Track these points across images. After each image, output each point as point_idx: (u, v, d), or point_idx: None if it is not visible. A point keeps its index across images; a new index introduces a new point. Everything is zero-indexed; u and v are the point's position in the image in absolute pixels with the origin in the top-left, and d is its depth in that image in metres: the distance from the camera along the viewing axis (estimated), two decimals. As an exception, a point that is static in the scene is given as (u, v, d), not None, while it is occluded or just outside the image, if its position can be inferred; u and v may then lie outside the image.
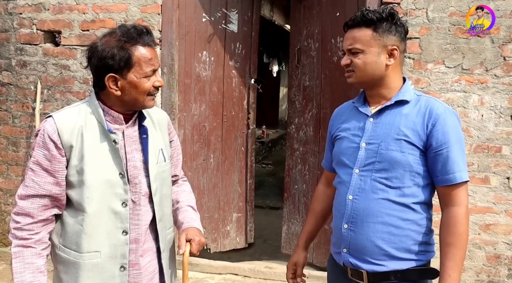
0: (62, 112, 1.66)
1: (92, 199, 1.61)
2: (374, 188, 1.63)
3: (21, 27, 3.71)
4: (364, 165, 1.66)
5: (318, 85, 3.68)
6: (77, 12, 3.60)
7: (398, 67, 1.70)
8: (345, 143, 1.74)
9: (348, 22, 1.68)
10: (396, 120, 1.64)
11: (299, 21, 3.81)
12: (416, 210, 1.63)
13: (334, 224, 1.75)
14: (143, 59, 1.58)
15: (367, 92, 1.75)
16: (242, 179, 4.03)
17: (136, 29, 1.60)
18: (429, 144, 1.60)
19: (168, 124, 1.86)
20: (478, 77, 3.12)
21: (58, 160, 1.60)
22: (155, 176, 1.71)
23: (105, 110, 1.66)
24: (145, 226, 1.70)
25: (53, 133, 1.59)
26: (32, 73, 3.73)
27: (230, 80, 3.85)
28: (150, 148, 1.71)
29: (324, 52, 3.61)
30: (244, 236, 4.10)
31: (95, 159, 1.61)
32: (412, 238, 1.63)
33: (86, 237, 1.61)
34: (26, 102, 3.76)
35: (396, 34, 1.64)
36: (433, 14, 3.14)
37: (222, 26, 3.74)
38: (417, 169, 1.61)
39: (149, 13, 3.50)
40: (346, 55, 1.69)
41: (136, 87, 1.60)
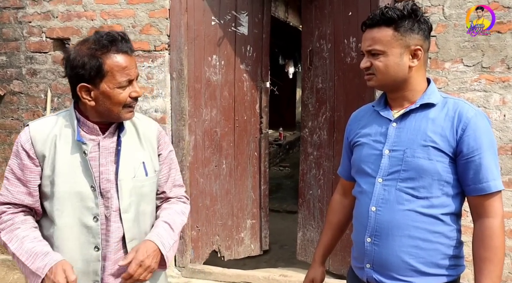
0: (39, 121, 1.62)
1: (62, 212, 1.55)
2: (400, 199, 1.51)
3: (30, 35, 3.70)
4: (388, 173, 1.54)
5: (331, 87, 3.57)
6: (85, 18, 3.57)
7: (422, 68, 1.58)
8: (365, 149, 1.62)
9: (366, 21, 1.57)
10: (422, 125, 1.53)
11: (310, 21, 3.71)
12: (445, 221, 1.52)
13: (356, 237, 1.65)
14: (116, 68, 1.49)
15: (389, 95, 1.63)
16: (256, 185, 3.93)
17: (109, 35, 1.50)
18: (460, 151, 1.48)
19: (158, 136, 1.75)
20: (499, 75, 2.97)
21: (30, 170, 1.56)
22: (129, 191, 1.61)
23: (81, 120, 1.59)
24: (115, 244, 1.60)
25: (26, 142, 1.56)
26: (42, 81, 3.72)
27: (241, 84, 3.77)
28: (125, 161, 1.61)
29: (337, 53, 3.50)
30: (259, 243, 4.01)
31: (66, 170, 1.56)
32: (441, 252, 1.52)
33: (57, 250, 1.56)
34: (37, 111, 3.74)
35: (419, 32, 1.53)
36: (450, 10, 3.00)
37: (232, 29, 3.67)
38: (446, 178, 1.50)
39: (157, 18, 3.44)
40: (365, 57, 1.58)
41: (110, 98, 1.52)
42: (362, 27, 1.59)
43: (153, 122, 1.80)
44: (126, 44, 1.53)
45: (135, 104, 1.59)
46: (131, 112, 1.59)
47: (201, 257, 3.79)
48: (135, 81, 1.56)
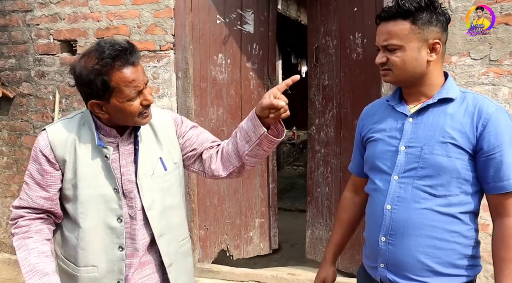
0: (56, 125, 1.62)
1: (86, 214, 1.57)
2: (417, 197, 1.46)
3: (38, 38, 3.75)
4: (404, 171, 1.49)
5: (337, 84, 3.54)
6: (92, 20, 3.60)
7: (439, 62, 1.52)
8: (380, 146, 1.57)
9: (381, 14, 1.50)
10: (441, 121, 1.47)
11: (316, 18, 3.69)
12: (463, 220, 1.47)
13: (369, 235, 1.60)
14: (123, 83, 1.46)
15: (405, 90, 1.58)
16: (264, 184, 3.91)
17: (112, 50, 1.45)
18: (480, 148, 1.43)
19: (175, 123, 1.73)
20: (508, 68, 2.91)
21: (51, 174, 1.57)
22: (149, 189, 1.62)
23: (98, 124, 1.59)
24: (143, 241, 1.62)
25: (45, 147, 1.57)
26: (50, 83, 3.76)
27: (248, 82, 3.75)
28: (143, 159, 1.62)
29: (343, 49, 3.47)
30: (268, 242, 3.99)
31: (88, 174, 1.57)
32: (458, 251, 1.47)
33: (82, 251, 1.59)
34: (46, 112, 3.79)
35: (437, 25, 1.46)
36: (456, 3, 2.95)
37: (238, 27, 3.66)
38: (465, 176, 1.45)
39: (162, 18, 3.45)
40: (380, 52, 1.51)
41: (121, 111, 1.51)
42: (376, 20, 1.53)
43: (166, 112, 1.77)
44: (131, 55, 1.48)
45: (149, 109, 1.58)
46: (147, 117, 1.58)
47: (209, 257, 3.79)
48: (145, 89, 1.53)
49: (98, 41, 1.54)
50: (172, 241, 1.68)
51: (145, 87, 1.53)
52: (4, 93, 3.77)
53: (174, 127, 1.73)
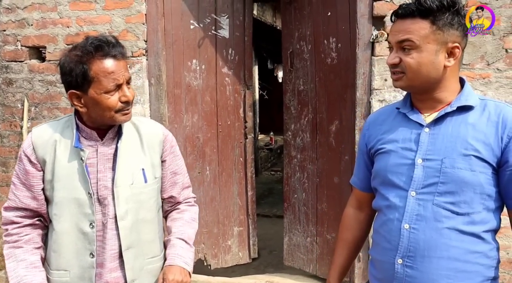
0: (41, 127, 1.64)
1: (60, 217, 1.57)
2: (438, 215, 1.35)
3: (5, 44, 3.63)
4: (423, 186, 1.37)
5: (312, 89, 3.52)
6: (61, 26, 3.50)
7: (457, 68, 1.41)
8: (393, 158, 1.44)
9: (398, 10, 1.39)
10: (462, 131, 1.36)
11: (290, 23, 3.66)
12: (486, 239, 1.37)
13: (381, 256, 1.46)
14: (102, 73, 1.47)
15: (417, 96, 1.45)
16: (242, 191, 3.83)
17: (96, 40, 1.48)
18: (505, 160, 1.33)
19: (163, 142, 1.71)
20: (480, 72, 2.94)
21: (33, 175, 1.58)
22: (126, 199, 1.59)
23: (79, 126, 1.59)
24: (112, 251, 1.59)
25: (27, 147, 1.59)
26: (18, 91, 3.64)
27: (223, 88, 3.68)
28: (123, 167, 1.59)
29: (317, 54, 3.46)
30: (247, 250, 3.90)
31: (64, 176, 1.57)
32: (481, 274, 1.37)
33: (54, 254, 1.59)
34: (14, 121, 3.66)
35: (459, 28, 1.35)
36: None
37: (212, 32, 3.60)
38: (489, 191, 1.35)
39: (134, 23, 3.39)
40: (393, 52, 1.39)
41: (98, 104, 1.50)
42: (391, 17, 1.42)
43: (159, 126, 1.76)
44: (114, 48, 1.50)
45: (129, 107, 1.57)
46: (126, 115, 1.57)
47: (186, 266, 3.72)
48: (125, 85, 1.53)
49: (88, 36, 1.57)
50: (139, 257, 1.64)
51: (125, 83, 1.53)
52: (-30, 102, 3.65)
53: (162, 144, 1.71)
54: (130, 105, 1.56)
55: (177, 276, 1.60)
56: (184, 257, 1.68)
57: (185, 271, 1.65)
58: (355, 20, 3.06)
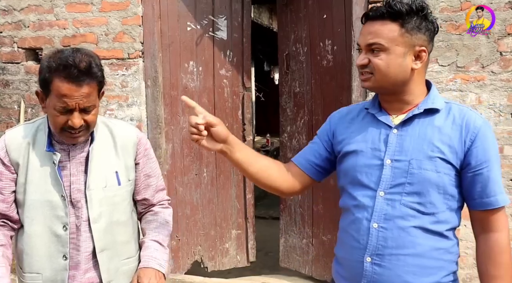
0: (16, 129, 1.64)
1: (32, 219, 1.58)
2: (405, 215, 1.39)
3: (2, 46, 3.63)
4: (391, 186, 1.41)
5: (308, 91, 3.54)
6: (58, 27, 3.51)
7: (423, 71, 1.45)
8: (361, 158, 1.46)
9: (368, 13, 1.41)
10: (428, 133, 1.40)
11: (286, 25, 3.68)
12: (448, 237, 1.43)
13: (350, 255, 1.48)
14: (55, 92, 1.46)
15: (385, 98, 1.49)
16: (241, 194, 3.80)
17: (68, 58, 1.45)
18: (467, 163, 1.38)
19: (137, 145, 1.71)
20: (474, 74, 2.96)
21: (5, 176, 1.59)
22: (99, 201, 1.60)
23: (51, 129, 1.59)
24: (86, 253, 1.60)
25: (0, 150, 1.59)
26: (15, 92, 3.65)
27: (221, 90, 3.67)
28: (96, 170, 1.60)
29: (313, 56, 3.48)
30: (245, 254, 3.85)
31: (37, 179, 1.57)
32: (444, 268, 1.43)
33: (27, 257, 1.59)
34: (11, 122, 3.66)
35: (426, 32, 1.39)
36: (424, 11, 2.99)
37: (210, 34, 3.60)
38: (452, 192, 1.40)
39: (130, 25, 3.40)
40: (363, 53, 1.42)
41: (49, 115, 1.53)
42: (362, 19, 1.45)
43: (133, 129, 1.76)
44: (81, 74, 1.45)
45: (75, 132, 1.52)
46: (70, 138, 1.54)
47: (181, 268, 3.72)
48: (76, 112, 1.48)
49: (77, 48, 1.55)
50: (114, 258, 1.65)
51: (78, 110, 1.48)
52: (-34, 103, 3.65)
53: (136, 146, 1.72)
54: (77, 130, 1.52)
55: (152, 280, 1.61)
56: (159, 259, 1.69)
57: (160, 273, 1.66)
58: (351, 22, 3.08)
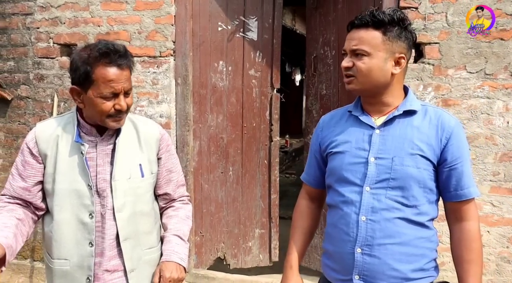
0: (45, 122, 1.73)
1: (61, 208, 1.65)
2: (390, 207, 1.51)
3: (38, 41, 3.75)
4: (376, 182, 1.52)
5: (335, 94, 3.59)
6: (92, 25, 3.61)
7: (402, 76, 1.58)
8: (347, 158, 1.58)
9: (354, 21, 1.54)
10: (408, 133, 1.53)
11: (315, 28, 3.74)
12: (429, 227, 1.57)
13: (340, 248, 1.59)
14: (102, 79, 1.54)
15: (366, 100, 1.61)
16: (265, 194, 3.84)
17: (105, 46, 1.55)
18: (444, 159, 1.52)
19: (159, 141, 1.79)
20: (503, 82, 2.98)
21: (32, 166, 1.67)
22: (123, 191, 1.67)
23: (81, 122, 1.68)
24: (110, 241, 1.67)
25: (30, 141, 1.68)
26: (49, 86, 3.76)
27: (250, 90, 3.72)
28: (121, 162, 1.68)
29: (341, 59, 3.47)
30: (268, 253, 3.90)
31: (65, 169, 1.65)
32: (426, 256, 1.56)
33: (55, 244, 1.67)
34: (44, 115, 3.78)
35: (405, 41, 1.53)
36: (453, 17, 3.02)
37: (240, 35, 3.67)
38: (430, 185, 1.53)
39: (163, 24, 3.48)
40: (347, 57, 1.54)
41: (93, 106, 1.59)
42: (348, 27, 1.57)
43: (156, 126, 1.83)
44: (121, 58, 1.56)
45: (121, 115, 1.63)
46: (116, 122, 1.63)
47: (204, 263, 3.79)
48: (122, 95, 1.59)
49: (103, 39, 1.64)
50: (136, 247, 1.72)
51: (123, 93, 1.59)
52: (2, 96, 3.77)
53: (159, 142, 1.79)
54: (123, 113, 1.63)
55: (173, 274, 1.69)
56: (180, 253, 1.76)
57: (181, 267, 1.74)
58: (381, 27, 3.12)
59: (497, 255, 3.04)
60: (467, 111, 3.03)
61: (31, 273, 3.88)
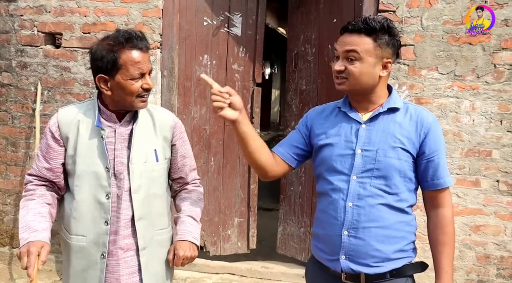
0: (67, 108, 1.85)
1: (80, 188, 1.77)
2: (374, 195, 1.66)
3: (22, 28, 3.74)
4: (362, 171, 1.68)
5: (314, 89, 3.77)
6: (78, 14, 3.64)
7: (387, 78, 1.74)
8: (337, 149, 1.73)
9: (347, 26, 1.66)
10: (391, 128, 1.68)
11: (296, 26, 3.90)
12: (408, 212, 1.72)
13: (329, 231, 1.73)
14: (129, 62, 1.67)
15: (355, 98, 1.74)
16: (245, 184, 3.99)
17: (126, 33, 1.70)
18: (422, 152, 1.68)
19: (173, 128, 1.91)
20: (470, 83, 3.24)
21: (54, 149, 1.79)
22: (139, 174, 1.79)
23: (101, 108, 1.80)
24: (125, 220, 1.79)
25: (53, 125, 1.80)
26: (32, 75, 3.77)
27: (233, 83, 3.83)
28: (138, 147, 1.80)
29: (321, 57, 3.71)
30: (246, 241, 4.05)
31: (86, 152, 1.77)
32: (406, 238, 1.71)
33: (74, 221, 1.79)
34: (26, 103, 3.79)
35: (392, 47, 1.67)
36: (427, 22, 3.26)
37: (225, 30, 3.78)
38: (410, 175, 1.69)
39: (150, 17, 3.56)
40: (340, 61, 1.66)
41: (123, 88, 1.70)
42: (341, 31, 1.68)
43: (170, 114, 1.96)
44: (141, 42, 1.71)
45: (147, 95, 1.78)
46: (143, 102, 1.77)
47: (185, 250, 3.90)
48: (147, 75, 1.74)
49: (116, 29, 1.79)
50: (149, 227, 1.84)
51: (148, 73, 1.75)
52: (-17, 82, 3.74)
53: (173, 129, 1.92)
54: (148, 93, 1.78)
55: (186, 252, 1.81)
56: (193, 232, 1.89)
57: (194, 245, 1.86)
58: (360, 28, 3.31)
59: (460, 242, 3.31)
60: (438, 109, 3.28)
61: (10, 260, 3.90)
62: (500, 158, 3.25)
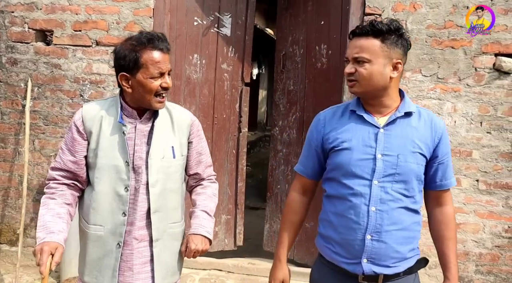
0: (91, 103, 1.94)
1: (100, 180, 1.85)
2: (395, 199, 1.69)
3: (12, 25, 3.76)
4: (383, 176, 1.69)
5: (302, 90, 3.86)
6: (70, 12, 3.68)
7: (398, 80, 1.74)
8: (356, 154, 1.71)
9: (355, 30, 1.69)
10: (409, 133, 1.70)
11: (285, 28, 3.98)
12: (419, 212, 1.79)
13: (348, 235, 1.73)
14: (150, 61, 1.76)
15: (369, 101, 1.75)
16: (232, 182, 4.06)
17: (149, 34, 1.80)
18: (435, 155, 1.75)
19: (190, 126, 1.99)
20: (452, 85, 3.36)
21: (78, 143, 1.87)
22: (157, 169, 1.88)
23: (123, 105, 1.88)
24: (141, 212, 1.87)
25: (77, 119, 1.89)
26: (22, 71, 3.79)
27: (222, 83, 3.91)
28: (156, 143, 1.88)
29: (309, 58, 3.79)
30: (233, 238, 4.12)
31: (107, 146, 1.85)
32: (417, 237, 1.79)
33: (93, 211, 1.87)
34: (16, 99, 3.80)
35: (401, 48, 1.68)
36: (412, 26, 3.36)
37: (215, 30, 3.85)
38: (422, 178, 1.75)
39: (141, 16, 3.61)
40: (350, 64, 1.69)
41: (143, 86, 1.79)
42: (349, 35, 1.73)
43: (188, 112, 2.03)
44: (162, 43, 1.80)
45: (165, 94, 1.85)
46: (161, 103, 1.85)
47: (173, 246, 3.95)
48: (167, 75, 1.82)
49: (139, 31, 1.89)
50: (163, 220, 1.92)
51: (167, 73, 1.83)
52: (-27, 78, 3.75)
53: (190, 127, 2.00)
54: (166, 92, 1.86)
55: (198, 246, 1.90)
56: (206, 227, 1.98)
57: (206, 240, 1.95)
58: (347, 30, 3.41)
59: (441, 239, 3.42)
60: (421, 110, 3.38)
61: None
62: (480, 158, 3.37)
